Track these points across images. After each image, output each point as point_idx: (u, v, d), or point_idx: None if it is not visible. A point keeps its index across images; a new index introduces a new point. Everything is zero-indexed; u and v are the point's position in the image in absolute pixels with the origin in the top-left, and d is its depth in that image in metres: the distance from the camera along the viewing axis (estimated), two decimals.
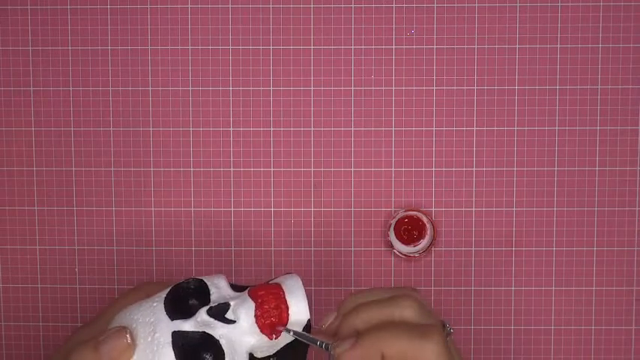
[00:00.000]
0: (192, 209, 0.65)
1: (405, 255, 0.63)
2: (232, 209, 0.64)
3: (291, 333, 0.48)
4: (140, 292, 0.54)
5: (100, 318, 0.54)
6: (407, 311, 0.47)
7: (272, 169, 0.64)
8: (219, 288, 0.51)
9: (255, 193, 0.64)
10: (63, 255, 0.65)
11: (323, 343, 0.47)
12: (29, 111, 0.65)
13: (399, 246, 0.63)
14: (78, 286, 0.65)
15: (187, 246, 0.65)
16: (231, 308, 0.49)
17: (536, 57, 0.63)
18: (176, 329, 0.48)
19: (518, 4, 0.63)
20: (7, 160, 0.65)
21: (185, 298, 0.50)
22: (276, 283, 0.50)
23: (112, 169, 0.65)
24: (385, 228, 0.64)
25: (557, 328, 0.64)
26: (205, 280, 0.51)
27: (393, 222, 0.63)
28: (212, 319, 0.48)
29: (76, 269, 0.65)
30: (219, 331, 0.48)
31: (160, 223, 0.65)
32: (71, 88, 0.64)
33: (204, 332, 0.48)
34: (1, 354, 0.66)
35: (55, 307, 0.65)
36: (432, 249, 0.64)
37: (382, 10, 0.63)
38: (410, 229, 0.62)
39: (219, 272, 0.64)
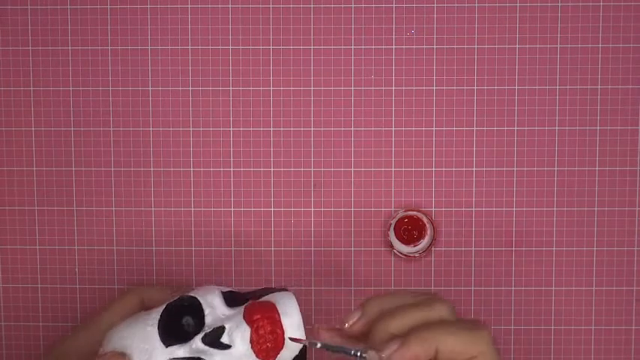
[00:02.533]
0: (192, 209, 0.65)
1: (405, 255, 0.63)
2: (232, 209, 0.64)
3: (318, 345, 0.47)
4: (134, 297, 0.54)
5: (91, 324, 0.54)
6: (444, 312, 0.47)
7: (272, 169, 0.64)
8: (213, 307, 0.50)
9: (255, 193, 0.64)
10: (63, 255, 0.65)
11: (357, 350, 0.45)
12: (29, 111, 0.65)
13: (399, 246, 0.63)
14: (78, 286, 0.65)
15: (187, 246, 0.65)
16: (226, 332, 0.48)
17: (536, 57, 0.63)
18: (171, 357, 0.48)
19: (518, 4, 0.63)
20: (7, 160, 0.65)
21: (179, 317, 0.50)
22: (271, 304, 0.50)
23: (112, 169, 0.65)
24: (385, 228, 0.64)
25: (557, 328, 0.64)
26: (199, 298, 0.50)
27: (393, 222, 0.63)
28: (207, 347, 0.48)
29: (76, 269, 0.65)
30: (215, 358, 0.48)
31: (160, 223, 0.65)
32: (71, 88, 0.64)
33: (200, 358, 0.48)
34: (1, 354, 0.66)
35: (55, 307, 0.65)
36: (432, 249, 0.64)
37: (382, 10, 0.63)
38: (410, 229, 0.62)
39: (218, 272, 0.64)
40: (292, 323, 0.49)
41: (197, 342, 0.48)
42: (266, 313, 0.49)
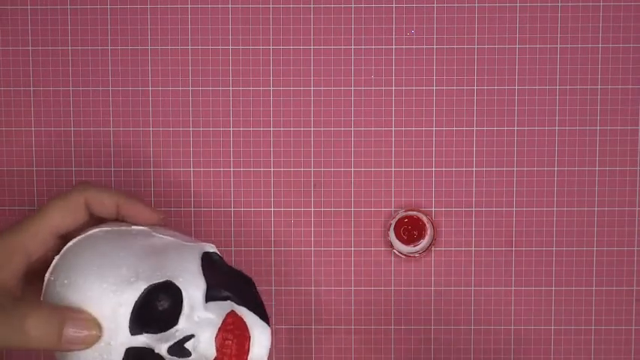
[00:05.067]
0: (193, 209, 0.65)
1: (405, 255, 0.63)
2: (232, 209, 0.64)
3: None
4: (78, 196, 0.51)
5: (26, 225, 0.52)
6: None
7: (272, 169, 0.64)
8: (192, 307, 0.49)
9: (255, 193, 0.64)
10: None
11: None
12: (29, 111, 0.65)
13: (399, 246, 0.63)
14: None
15: None
16: (192, 340, 0.49)
17: (536, 57, 0.63)
18: (131, 345, 0.48)
19: (518, 4, 0.63)
20: (7, 160, 0.65)
21: (155, 298, 0.49)
22: (247, 336, 0.51)
23: (112, 169, 0.65)
24: (385, 228, 0.64)
25: (557, 328, 0.64)
26: (182, 292, 0.50)
27: (393, 222, 0.63)
28: (169, 356, 0.48)
29: None
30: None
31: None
32: (71, 88, 0.64)
33: (156, 354, 0.48)
34: (1, 354, 0.66)
35: None
36: (432, 249, 0.64)
37: (382, 10, 0.63)
38: (410, 229, 0.63)
39: None
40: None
41: (162, 349, 0.48)
42: (238, 348, 0.50)
